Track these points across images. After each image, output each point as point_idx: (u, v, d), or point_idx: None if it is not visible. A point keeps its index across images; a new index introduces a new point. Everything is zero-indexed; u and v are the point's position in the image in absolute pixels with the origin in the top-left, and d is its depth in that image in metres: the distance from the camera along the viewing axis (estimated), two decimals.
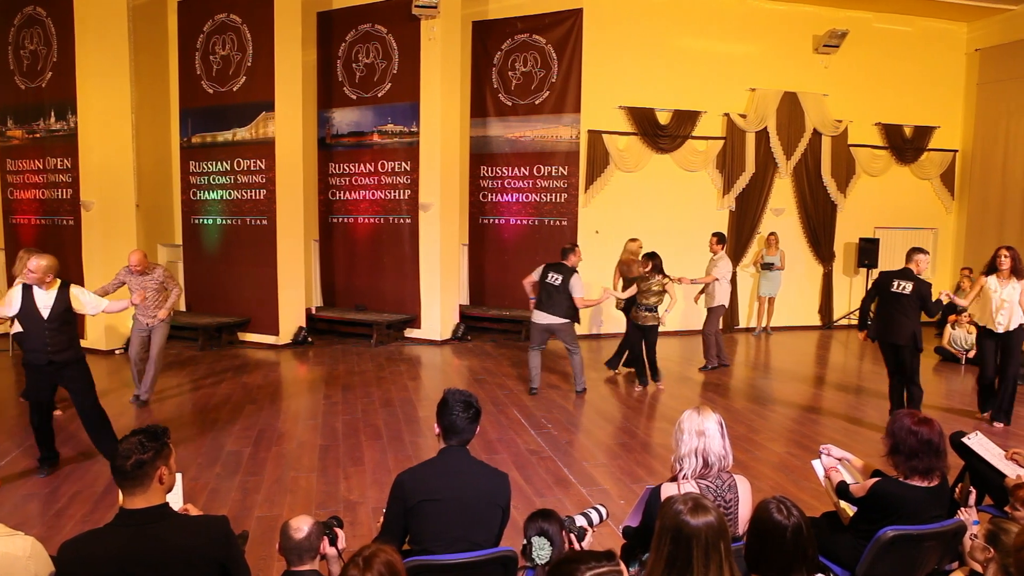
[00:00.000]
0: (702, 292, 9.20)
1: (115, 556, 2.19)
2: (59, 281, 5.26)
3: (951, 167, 12.85)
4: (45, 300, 5.14)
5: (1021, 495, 3.05)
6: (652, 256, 7.77)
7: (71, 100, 9.37)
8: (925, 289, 6.46)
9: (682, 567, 2.04)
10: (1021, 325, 6.55)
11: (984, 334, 6.85)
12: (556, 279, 7.42)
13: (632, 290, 8.01)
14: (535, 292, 7.63)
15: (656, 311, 7.83)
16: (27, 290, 5.16)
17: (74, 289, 5.35)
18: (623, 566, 1.95)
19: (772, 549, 2.23)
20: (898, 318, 6.49)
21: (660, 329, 7.96)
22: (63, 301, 5.21)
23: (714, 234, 9.23)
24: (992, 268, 6.64)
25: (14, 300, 5.17)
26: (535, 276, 7.63)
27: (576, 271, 7.49)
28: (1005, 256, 6.52)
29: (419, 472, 2.84)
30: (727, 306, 9.23)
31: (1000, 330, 6.60)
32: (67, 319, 5.26)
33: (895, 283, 6.54)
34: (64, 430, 6.24)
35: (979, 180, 12.55)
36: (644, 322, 7.84)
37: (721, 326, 9.42)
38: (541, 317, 7.50)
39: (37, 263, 5.09)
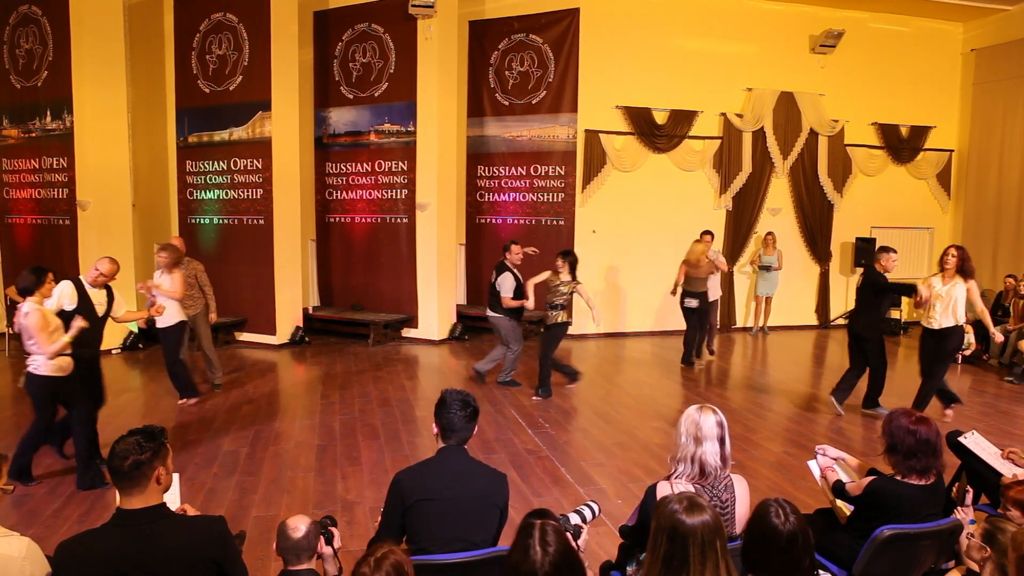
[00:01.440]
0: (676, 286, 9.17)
1: (111, 556, 2.19)
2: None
3: (947, 167, 12.87)
4: (99, 298, 5.48)
5: (1011, 495, 3.05)
6: (567, 254, 7.51)
7: (67, 99, 9.34)
8: (874, 276, 6.67)
9: (678, 566, 2.05)
10: (955, 327, 6.46)
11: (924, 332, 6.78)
12: (493, 276, 7.68)
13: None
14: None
15: (562, 309, 7.50)
16: (80, 287, 5.36)
17: (116, 291, 5.72)
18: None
19: (767, 552, 2.24)
20: (856, 310, 6.98)
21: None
22: (111, 301, 5.60)
23: (705, 232, 9.55)
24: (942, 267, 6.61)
25: (69, 296, 5.29)
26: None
27: (507, 268, 7.58)
28: (952, 255, 6.42)
29: (417, 471, 2.84)
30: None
31: (934, 325, 6.52)
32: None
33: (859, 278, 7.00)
34: None
35: (975, 180, 12.57)
36: (551, 320, 7.50)
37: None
38: (488, 312, 7.87)
39: (110, 267, 5.46)
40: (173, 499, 2.84)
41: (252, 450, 5.85)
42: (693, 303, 8.89)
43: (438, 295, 10.44)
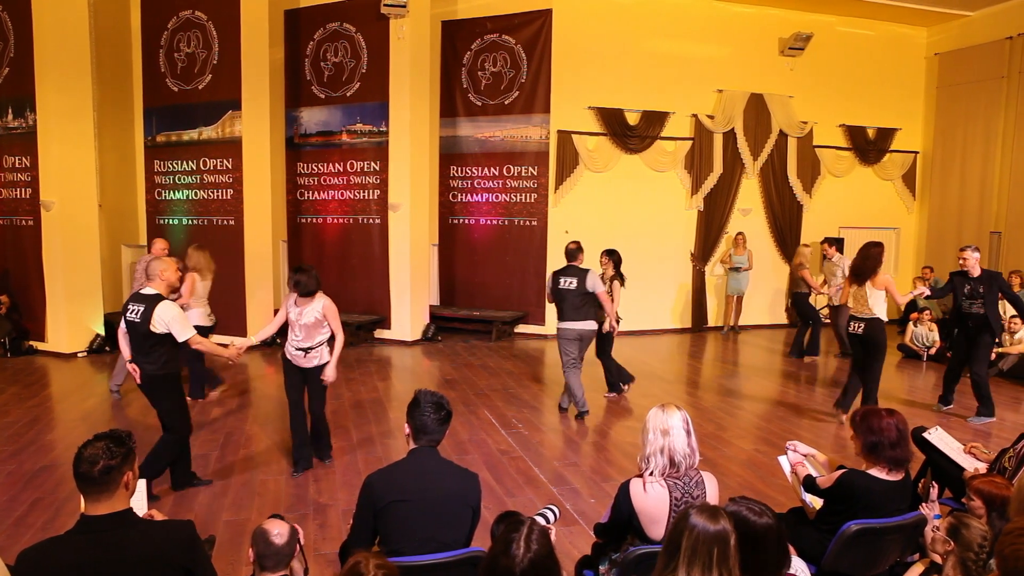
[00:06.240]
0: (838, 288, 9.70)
1: (76, 564, 2.14)
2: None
3: (912, 168, 13.14)
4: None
5: (975, 485, 3.17)
6: (612, 253, 7.46)
7: (29, 97, 9.13)
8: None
9: (671, 554, 2.13)
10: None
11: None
12: (570, 283, 6.69)
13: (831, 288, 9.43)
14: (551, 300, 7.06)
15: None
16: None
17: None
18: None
19: (753, 552, 2.29)
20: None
21: (608, 329, 7.41)
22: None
23: (825, 240, 10.08)
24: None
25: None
26: (548, 286, 7.06)
27: (590, 269, 6.79)
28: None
29: (388, 473, 2.83)
30: None
31: None
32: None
33: None
34: (23, 436, 6.10)
35: (939, 181, 12.85)
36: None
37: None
38: (569, 325, 6.74)
39: None
40: (140, 505, 2.80)
41: (222, 453, 5.78)
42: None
43: (411, 296, 10.40)
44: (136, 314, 4.67)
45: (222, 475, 5.30)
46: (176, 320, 4.70)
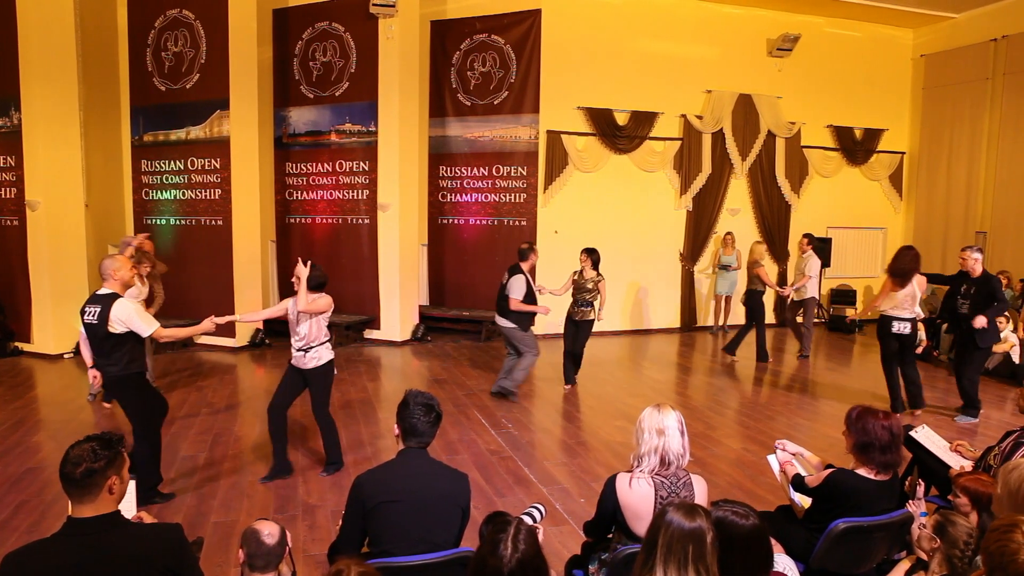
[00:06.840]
0: (799, 286, 9.84)
1: (62, 567, 2.13)
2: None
3: (899, 169, 13.23)
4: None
5: (961, 483, 3.19)
6: (591, 252, 7.71)
7: (14, 96, 9.05)
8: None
9: (649, 551, 2.15)
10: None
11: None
12: (505, 279, 7.31)
13: (795, 286, 9.62)
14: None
15: (593, 306, 7.73)
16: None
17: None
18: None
19: (743, 553, 2.30)
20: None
21: (596, 328, 7.92)
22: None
23: (805, 235, 10.01)
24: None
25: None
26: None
27: (522, 271, 7.23)
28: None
29: (378, 474, 2.83)
30: (817, 297, 10.14)
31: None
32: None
33: None
34: (8, 438, 6.05)
35: (925, 181, 12.95)
36: (582, 317, 7.71)
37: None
38: (497, 320, 7.46)
39: None
40: (129, 506, 2.78)
41: (211, 455, 5.75)
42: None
43: (400, 296, 10.38)
44: (93, 316, 4.54)
45: (210, 476, 5.27)
46: (134, 316, 4.56)
